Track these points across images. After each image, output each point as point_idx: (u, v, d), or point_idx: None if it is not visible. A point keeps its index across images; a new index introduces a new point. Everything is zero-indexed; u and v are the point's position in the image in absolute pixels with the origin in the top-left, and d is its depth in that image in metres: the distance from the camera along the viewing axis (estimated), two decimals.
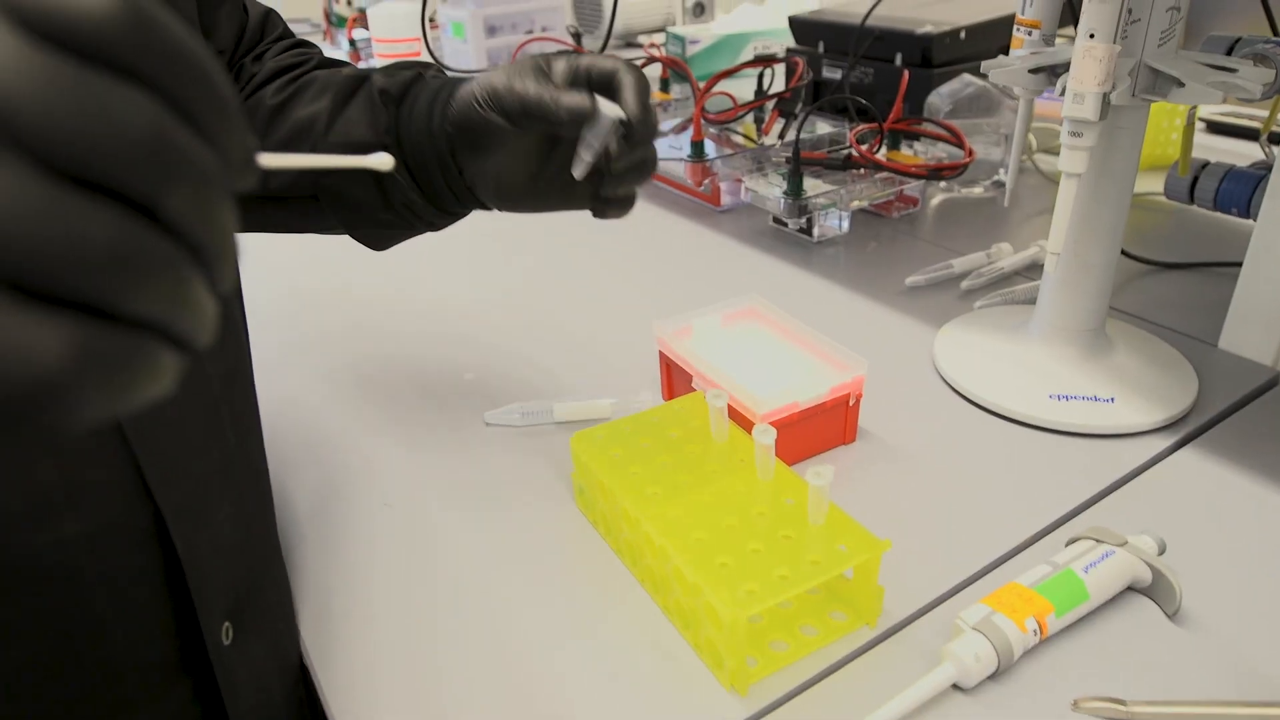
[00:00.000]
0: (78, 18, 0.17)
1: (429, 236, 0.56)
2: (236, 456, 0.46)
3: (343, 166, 0.27)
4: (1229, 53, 0.65)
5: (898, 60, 1.08)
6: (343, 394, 0.66)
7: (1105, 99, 0.49)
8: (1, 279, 0.16)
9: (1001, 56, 0.59)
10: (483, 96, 0.47)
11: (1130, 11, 0.49)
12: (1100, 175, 0.55)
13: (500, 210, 0.52)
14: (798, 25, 1.21)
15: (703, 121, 0.90)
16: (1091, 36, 0.48)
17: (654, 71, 1.15)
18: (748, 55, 1.40)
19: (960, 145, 0.86)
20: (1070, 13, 0.61)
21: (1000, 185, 0.94)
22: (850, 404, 0.54)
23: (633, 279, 0.81)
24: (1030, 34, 0.58)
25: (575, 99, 0.45)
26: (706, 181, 0.91)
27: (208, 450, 0.42)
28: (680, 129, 1.06)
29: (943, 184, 0.94)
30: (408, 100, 0.50)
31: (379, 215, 0.52)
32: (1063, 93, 0.51)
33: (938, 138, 0.88)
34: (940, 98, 0.95)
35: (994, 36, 1.08)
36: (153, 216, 0.18)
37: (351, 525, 0.53)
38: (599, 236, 0.90)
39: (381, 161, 0.28)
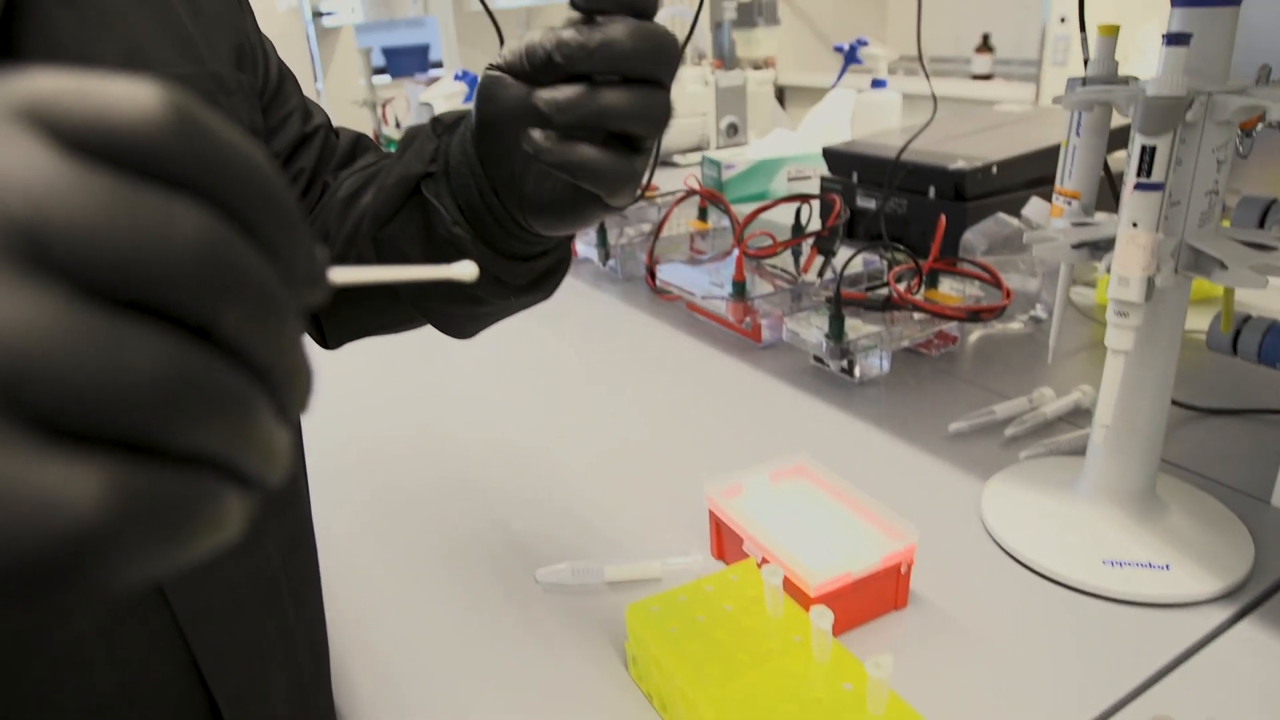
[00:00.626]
0: (118, 128, 0.16)
1: (475, 386, 0.55)
2: (295, 628, 0.46)
3: (422, 279, 0.24)
4: (1264, 215, 0.67)
5: (930, 193, 1.11)
6: (393, 543, 0.67)
7: (1150, 281, 0.51)
8: (31, 418, 0.15)
9: (1038, 202, 0.61)
10: (495, 65, 0.42)
11: (1170, 194, 0.51)
12: (1146, 344, 0.56)
13: (535, 227, 0.44)
14: (831, 156, 1.25)
15: (744, 259, 0.92)
16: (1134, 225, 0.50)
17: (691, 202, 1.19)
18: (781, 180, 1.44)
19: (998, 285, 0.87)
20: (1109, 183, 0.63)
21: (1037, 320, 0.95)
22: (902, 571, 0.54)
23: (678, 418, 0.82)
24: (1070, 204, 0.60)
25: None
26: (748, 319, 0.93)
27: (264, 627, 0.42)
28: (719, 258, 1.09)
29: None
30: (459, 127, 0.46)
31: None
32: (1107, 270, 0.53)
33: (975, 277, 0.90)
34: (976, 237, 0.97)
35: (1024, 170, 1.11)
36: (211, 339, 0.17)
37: (405, 684, 0.53)
38: (648, 371, 0.92)
39: (465, 271, 0.25)
